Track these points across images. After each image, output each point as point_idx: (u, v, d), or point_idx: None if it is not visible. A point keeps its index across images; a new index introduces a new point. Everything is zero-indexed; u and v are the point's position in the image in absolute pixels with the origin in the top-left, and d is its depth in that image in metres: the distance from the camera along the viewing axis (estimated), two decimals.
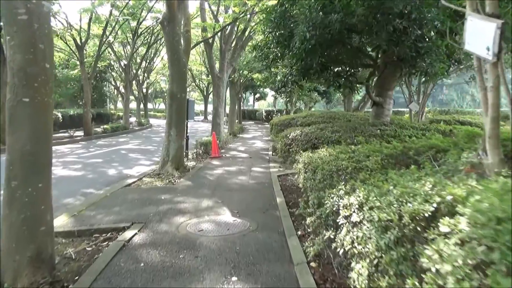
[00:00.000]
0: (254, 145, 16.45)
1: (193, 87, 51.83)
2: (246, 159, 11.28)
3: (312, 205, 2.52)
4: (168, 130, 9.03)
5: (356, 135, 4.18)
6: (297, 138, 4.89)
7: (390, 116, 5.86)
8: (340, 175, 2.32)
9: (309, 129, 5.27)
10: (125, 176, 9.09)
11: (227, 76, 16.27)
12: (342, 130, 4.56)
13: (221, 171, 8.94)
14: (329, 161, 2.66)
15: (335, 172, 2.37)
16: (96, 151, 14.56)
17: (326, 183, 2.31)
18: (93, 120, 27.36)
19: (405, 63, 4.41)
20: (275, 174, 8.22)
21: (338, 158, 2.67)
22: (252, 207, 5.51)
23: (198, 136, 20.93)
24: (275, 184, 6.72)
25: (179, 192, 6.61)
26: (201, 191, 6.65)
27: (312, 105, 29.62)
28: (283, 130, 10.23)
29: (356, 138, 3.95)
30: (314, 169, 2.70)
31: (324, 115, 10.07)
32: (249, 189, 6.77)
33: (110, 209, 5.43)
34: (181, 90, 8.99)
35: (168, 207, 5.50)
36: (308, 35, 4.13)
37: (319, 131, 4.80)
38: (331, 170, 2.42)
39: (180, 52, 8.82)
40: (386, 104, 5.66)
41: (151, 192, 6.62)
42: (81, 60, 20.14)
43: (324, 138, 4.30)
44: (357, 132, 4.33)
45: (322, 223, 2.06)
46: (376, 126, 4.62)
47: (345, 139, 4.10)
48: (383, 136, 4.11)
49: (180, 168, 9.05)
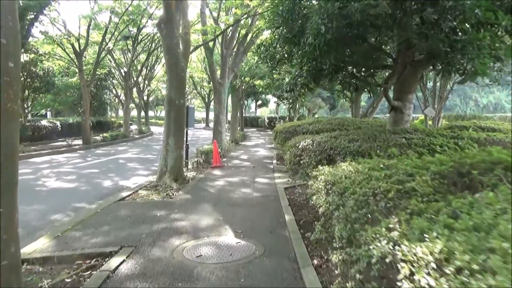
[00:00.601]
0: (257, 153, 15.87)
1: (195, 95, 51.56)
2: (249, 169, 10.70)
3: (339, 238, 1.95)
4: (166, 139, 8.48)
5: (379, 144, 3.60)
6: (308, 148, 4.30)
7: (410, 122, 5.29)
8: (378, 200, 1.74)
9: (320, 137, 4.68)
10: (121, 188, 8.53)
11: (229, 82, 15.76)
12: (360, 139, 3.97)
13: (223, 183, 8.35)
14: (361, 181, 2.09)
15: (371, 197, 1.79)
16: (93, 160, 14.01)
17: (362, 213, 1.73)
18: (93, 129, 26.94)
19: (438, 59, 3.85)
20: (281, 186, 7.63)
21: (371, 177, 2.10)
22: (257, 225, 4.91)
23: (200, 144, 20.39)
24: (282, 198, 6.11)
25: (177, 207, 6.01)
26: (201, 206, 6.06)
27: (315, 111, 29.06)
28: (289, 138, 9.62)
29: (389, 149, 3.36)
30: (341, 192, 2.14)
31: (332, 121, 9.48)
32: (254, 204, 6.17)
33: (99, 229, 4.84)
34: (180, 96, 8.45)
35: (164, 226, 4.90)
36: (323, 28, 3.56)
37: (333, 140, 4.20)
38: (366, 193, 1.84)
39: (178, 55, 8.31)
40: (405, 109, 5.08)
41: (146, 207, 6.03)
42: (79, 67, 19.74)
43: (341, 148, 3.71)
44: (379, 141, 3.74)
45: (361, 270, 1.50)
46: (398, 134, 4.04)
47: (368, 150, 3.51)
48: (411, 146, 3.54)
49: (179, 180, 8.47)
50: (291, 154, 4.85)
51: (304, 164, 4.16)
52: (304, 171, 4.19)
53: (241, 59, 16.39)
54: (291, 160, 4.80)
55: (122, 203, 6.41)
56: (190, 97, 58.64)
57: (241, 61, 16.58)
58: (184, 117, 8.66)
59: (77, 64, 19.91)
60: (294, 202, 5.78)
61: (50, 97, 28.39)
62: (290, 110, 28.46)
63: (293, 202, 5.83)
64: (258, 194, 7.00)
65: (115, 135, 23.61)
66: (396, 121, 5.17)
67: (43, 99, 28.72)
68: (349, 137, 4.18)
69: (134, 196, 7.18)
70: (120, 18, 21.00)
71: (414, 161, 2.25)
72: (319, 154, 3.95)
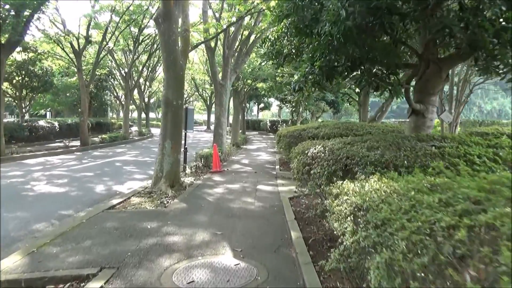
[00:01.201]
0: (259, 157, 15.30)
1: (196, 97, 51.11)
2: (250, 174, 10.12)
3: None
4: (162, 142, 7.92)
5: (406, 153, 3.02)
6: (319, 156, 3.72)
7: (432, 128, 4.71)
8: (439, 243, 1.16)
9: (332, 143, 4.11)
10: (114, 193, 7.99)
11: (230, 84, 15.22)
12: (380, 146, 3.40)
13: (222, 190, 7.77)
14: (407, 209, 1.53)
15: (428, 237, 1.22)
16: (89, 163, 13.48)
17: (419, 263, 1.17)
18: (92, 130, 26.49)
19: (481, 52, 3.28)
20: (285, 195, 7.05)
21: (420, 202, 1.53)
22: (259, 242, 4.32)
23: (200, 147, 19.83)
24: (286, 210, 5.53)
25: (170, 218, 5.43)
26: (197, 218, 5.48)
27: (319, 115, 28.49)
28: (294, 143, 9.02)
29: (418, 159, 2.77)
30: (379, 223, 1.57)
31: (339, 125, 8.89)
32: (255, 216, 5.58)
33: (80, 243, 4.27)
34: (178, 97, 7.90)
35: (153, 242, 4.32)
36: (343, 13, 2.99)
37: (349, 147, 3.62)
38: (421, 230, 1.27)
39: (177, 53, 7.77)
40: (428, 113, 4.51)
41: (136, 217, 5.46)
42: (78, 67, 19.26)
43: (360, 157, 3.12)
44: (404, 149, 3.16)
45: None
46: (425, 141, 3.47)
47: (392, 160, 2.93)
48: (444, 156, 2.96)
49: (176, 186, 7.91)
50: (299, 163, 4.25)
51: (315, 175, 3.58)
52: (315, 183, 3.61)
53: (243, 60, 15.86)
54: (299, 170, 4.21)
55: (111, 212, 5.84)
56: (192, 99, 58.32)
57: (243, 62, 16.04)
58: (181, 119, 8.11)
59: (76, 64, 19.41)
60: (301, 216, 5.18)
61: (49, 97, 27.99)
62: (293, 114, 27.89)
63: (299, 215, 5.23)
64: (260, 203, 6.41)
65: (114, 136, 23.08)
66: (417, 126, 4.60)
67: (42, 99, 28.33)
68: (367, 144, 3.60)
69: (125, 204, 6.62)
70: (120, 18, 20.55)
71: (474, 180, 1.68)
72: (333, 164, 3.37)
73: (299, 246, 3.84)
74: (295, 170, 4.49)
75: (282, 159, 13.11)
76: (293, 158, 4.90)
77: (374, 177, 2.34)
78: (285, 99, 25.97)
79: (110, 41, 22.62)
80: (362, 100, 13.98)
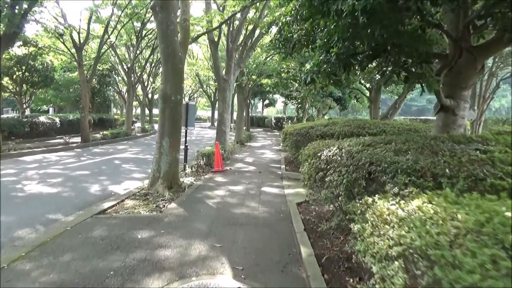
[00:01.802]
0: (263, 155, 14.72)
1: (201, 93, 50.60)
2: (254, 174, 9.54)
3: None
4: (160, 140, 7.37)
5: (447, 160, 2.42)
6: (335, 160, 3.12)
7: (464, 127, 4.08)
8: None
9: (348, 144, 3.51)
10: (109, 194, 7.49)
11: (234, 79, 14.61)
12: (410, 149, 2.79)
13: (224, 192, 7.20)
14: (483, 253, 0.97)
15: None
16: (87, 160, 13.01)
17: None
18: (95, 126, 26.10)
19: None
20: (292, 198, 6.46)
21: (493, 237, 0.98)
22: (264, 258, 3.75)
23: (204, 144, 19.33)
24: (294, 218, 4.93)
25: (165, 226, 4.88)
26: (194, 225, 4.91)
27: (325, 112, 27.78)
28: (301, 142, 8.42)
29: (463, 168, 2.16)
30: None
31: (350, 123, 8.24)
32: (259, 224, 5.00)
33: (58, 258, 3.74)
34: (177, 92, 7.33)
35: (142, 256, 3.77)
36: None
37: (371, 150, 3.02)
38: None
39: (175, 44, 7.19)
40: (459, 110, 3.89)
41: (127, 225, 4.91)
42: (79, 61, 18.78)
43: (388, 163, 2.51)
44: (442, 154, 2.56)
45: None
46: (463, 144, 2.86)
47: (430, 168, 2.33)
48: (494, 163, 2.37)
49: (174, 187, 7.37)
50: (311, 167, 3.65)
51: (330, 183, 2.99)
52: (331, 192, 3.03)
53: (248, 54, 15.23)
54: (311, 175, 3.61)
55: (100, 218, 5.30)
56: (196, 96, 57.84)
57: (248, 56, 15.42)
58: (180, 116, 7.54)
59: (77, 58, 18.92)
60: (311, 226, 4.57)
61: (51, 92, 27.61)
62: (298, 110, 27.20)
63: (309, 225, 4.62)
64: (265, 209, 5.83)
65: (116, 133, 22.64)
66: (447, 125, 3.97)
67: (44, 95, 27.97)
68: (393, 146, 3.00)
69: (118, 207, 6.09)
70: (122, 11, 20.00)
71: None
72: (354, 171, 2.77)
73: (311, 266, 3.25)
74: (306, 176, 3.88)
75: (287, 158, 12.52)
76: (303, 161, 4.28)
77: (421, 197, 1.75)
78: (290, 96, 25.32)
79: (112, 35, 22.13)
80: (373, 96, 13.26)
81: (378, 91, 12.88)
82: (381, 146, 3.14)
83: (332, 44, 3.15)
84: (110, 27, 20.89)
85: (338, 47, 3.08)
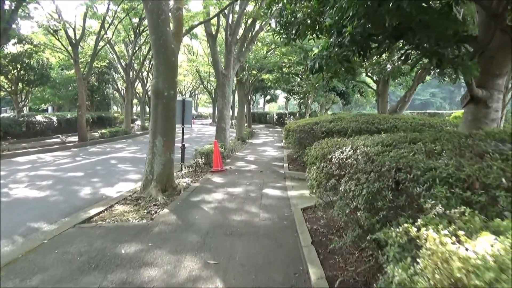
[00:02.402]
0: (265, 153, 14.15)
1: (202, 89, 49.96)
2: (255, 174, 8.98)
3: None
4: (152, 139, 6.82)
5: (499, 166, 1.86)
6: (350, 163, 2.55)
7: (498, 121, 3.49)
8: None
9: (364, 143, 2.94)
10: (99, 198, 7.00)
11: (234, 73, 14.01)
12: (445, 151, 2.22)
13: (222, 195, 6.64)
14: None
15: None
16: (83, 160, 12.52)
17: None
18: (94, 124, 25.62)
19: None
20: (296, 202, 5.90)
21: None
22: (265, 278, 3.19)
23: (204, 142, 18.77)
24: (300, 227, 4.34)
25: (154, 237, 4.33)
26: (187, 237, 4.35)
27: (328, 107, 27.12)
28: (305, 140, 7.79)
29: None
30: None
31: (357, 118, 7.62)
32: (260, 233, 4.43)
33: (25, 280, 3.20)
34: (170, 87, 6.76)
35: (122, 279, 3.22)
36: None
37: (394, 152, 2.43)
38: None
39: (167, 35, 6.61)
40: (492, 101, 3.30)
41: (112, 236, 4.37)
42: (75, 58, 18.23)
43: (421, 170, 1.94)
44: (490, 157, 2.00)
45: None
46: (509, 142, 2.29)
47: (478, 176, 1.77)
48: None
49: (168, 190, 6.83)
50: (320, 172, 3.06)
51: (346, 194, 2.41)
52: (346, 204, 2.44)
53: (248, 47, 14.61)
54: (320, 182, 3.03)
55: (83, 228, 4.77)
56: (197, 92, 57.23)
57: (248, 50, 14.79)
58: (174, 112, 6.97)
59: (73, 55, 18.36)
60: (320, 238, 3.96)
61: (49, 91, 27.11)
62: (300, 106, 26.56)
63: (318, 236, 4.01)
64: (267, 215, 5.27)
65: (115, 131, 22.14)
66: (477, 120, 3.39)
67: (41, 93, 27.47)
68: (420, 147, 2.42)
69: (106, 214, 5.56)
70: (118, 5, 19.41)
71: None
72: (376, 179, 2.19)
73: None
74: (313, 182, 3.26)
75: (290, 155, 11.95)
76: (309, 163, 3.69)
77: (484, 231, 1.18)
78: (292, 91, 24.67)
79: (109, 31, 21.57)
80: (380, 89, 12.55)
81: (386, 84, 12.17)
82: (406, 146, 2.57)
83: (345, 22, 2.56)
84: (107, 23, 20.33)
85: (353, 26, 2.49)
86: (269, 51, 20.32)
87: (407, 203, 2.00)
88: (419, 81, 11.51)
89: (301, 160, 9.67)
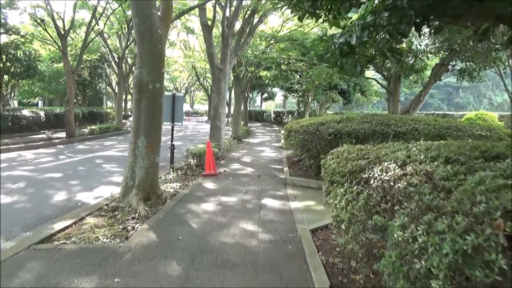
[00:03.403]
0: (262, 154, 13.23)
1: (197, 86, 48.86)
2: (252, 179, 8.06)
3: None
4: (134, 139, 5.88)
5: None
6: (402, 190, 1.65)
7: None
8: None
9: (414, 158, 2.02)
10: (74, 205, 6.13)
11: (230, 68, 13.07)
12: None
13: (213, 207, 5.71)
14: None
15: None
16: (66, 159, 11.55)
17: None
18: (85, 120, 24.53)
19: None
20: (302, 217, 4.99)
21: None
22: None
23: (198, 140, 17.82)
24: (311, 259, 3.31)
25: (123, 268, 3.39)
26: (166, 268, 3.42)
27: (328, 106, 26.24)
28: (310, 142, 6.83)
29: None
30: None
31: (370, 119, 6.70)
32: (259, 264, 3.49)
33: None
34: (155, 78, 5.82)
35: None
36: None
37: (478, 176, 1.53)
38: None
39: (153, 18, 5.66)
40: None
41: (70, 265, 3.44)
42: (63, 50, 17.17)
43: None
44: None
45: None
46: None
47: None
48: None
49: (152, 198, 5.91)
50: (353, 203, 2.05)
51: (406, 245, 1.46)
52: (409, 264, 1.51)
53: (246, 41, 13.68)
54: (354, 220, 2.02)
55: (39, 251, 3.83)
56: (193, 89, 56.10)
57: (246, 43, 13.86)
58: (160, 108, 6.02)
59: (61, 47, 17.28)
60: (339, 279, 2.90)
61: (39, 84, 25.98)
62: (299, 104, 25.65)
63: (336, 276, 2.96)
64: (267, 235, 4.34)
65: (106, 127, 21.13)
66: None
67: (29, 86, 26.35)
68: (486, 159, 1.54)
69: (73, 229, 4.63)
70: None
71: None
72: (469, 228, 1.27)
73: None
74: (343, 214, 2.21)
75: (290, 158, 11.05)
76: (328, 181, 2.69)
77: None
78: (291, 88, 23.75)
79: (101, 21, 20.52)
80: (391, 87, 11.58)
81: (398, 81, 11.20)
82: (487, 165, 1.66)
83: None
84: (98, 13, 19.29)
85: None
86: (268, 46, 19.39)
87: None
88: (435, 78, 10.59)
89: (303, 164, 8.78)
